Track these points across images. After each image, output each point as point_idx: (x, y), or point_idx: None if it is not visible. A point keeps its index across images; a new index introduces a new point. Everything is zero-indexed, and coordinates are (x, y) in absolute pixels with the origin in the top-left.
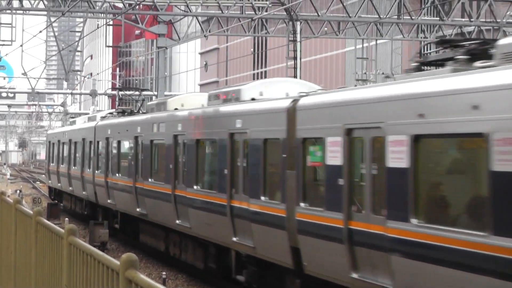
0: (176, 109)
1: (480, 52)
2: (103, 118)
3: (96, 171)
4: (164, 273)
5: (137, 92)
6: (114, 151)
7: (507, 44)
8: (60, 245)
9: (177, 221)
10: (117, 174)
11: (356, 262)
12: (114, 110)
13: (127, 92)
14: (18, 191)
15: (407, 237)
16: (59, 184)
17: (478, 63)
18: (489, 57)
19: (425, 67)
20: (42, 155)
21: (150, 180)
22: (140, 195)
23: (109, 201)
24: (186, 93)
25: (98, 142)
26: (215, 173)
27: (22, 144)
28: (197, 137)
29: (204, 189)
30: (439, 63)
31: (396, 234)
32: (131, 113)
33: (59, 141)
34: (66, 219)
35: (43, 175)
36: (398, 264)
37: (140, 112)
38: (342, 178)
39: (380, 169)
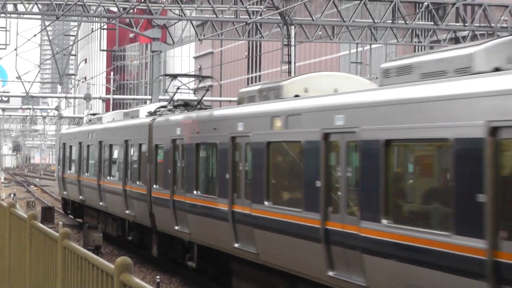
0: (297, 95)
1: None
2: (154, 113)
3: (155, 186)
4: (158, 277)
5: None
6: (190, 158)
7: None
8: (54, 249)
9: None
10: (195, 192)
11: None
12: (166, 103)
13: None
14: (12, 195)
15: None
16: (80, 197)
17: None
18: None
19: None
20: (36, 158)
21: (266, 203)
22: (242, 224)
23: (177, 227)
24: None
25: (156, 146)
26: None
27: (16, 148)
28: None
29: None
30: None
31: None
32: (195, 106)
33: (80, 143)
34: (60, 223)
35: (37, 179)
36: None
37: (202, 105)
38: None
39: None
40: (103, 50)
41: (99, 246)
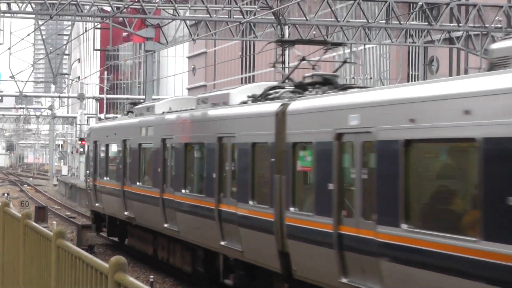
0: None
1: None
2: (265, 97)
3: (292, 209)
4: (151, 276)
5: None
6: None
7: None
8: (48, 248)
9: None
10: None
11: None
12: (275, 83)
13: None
14: (5, 194)
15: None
16: (126, 213)
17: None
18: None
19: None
20: (29, 158)
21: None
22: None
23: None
24: None
25: (294, 146)
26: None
27: (10, 148)
28: None
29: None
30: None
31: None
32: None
33: (125, 141)
34: (54, 222)
35: (30, 179)
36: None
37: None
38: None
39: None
40: (96, 50)
41: (93, 245)
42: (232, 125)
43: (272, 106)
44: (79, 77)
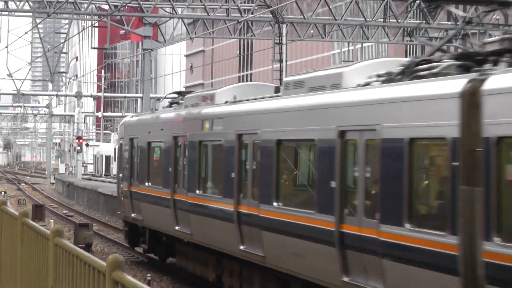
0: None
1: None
2: (412, 72)
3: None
4: (149, 275)
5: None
6: None
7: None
8: (46, 246)
9: None
10: None
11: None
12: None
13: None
14: (2, 193)
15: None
16: (177, 228)
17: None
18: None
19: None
20: (27, 156)
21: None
22: None
23: None
24: None
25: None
26: None
27: (7, 146)
28: None
29: None
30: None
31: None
32: None
33: (176, 138)
34: (51, 220)
35: (28, 177)
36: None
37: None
38: None
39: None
40: (94, 48)
41: (90, 244)
42: (366, 113)
43: (451, 84)
44: (76, 76)
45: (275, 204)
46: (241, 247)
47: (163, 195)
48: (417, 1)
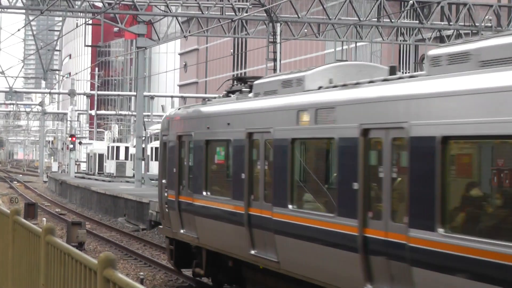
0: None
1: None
2: None
3: None
4: (142, 273)
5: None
6: None
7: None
8: (37, 245)
9: None
10: None
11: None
12: None
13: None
14: None
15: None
16: (253, 252)
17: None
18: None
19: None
20: (19, 154)
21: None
22: None
23: None
24: None
25: None
26: None
27: None
28: None
29: None
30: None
31: None
32: None
33: (251, 135)
34: (44, 219)
35: (20, 175)
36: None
37: None
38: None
39: None
40: (87, 46)
41: (83, 242)
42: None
43: None
44: (70, 73)
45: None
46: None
47: (232, 209)
48: (411, 2)
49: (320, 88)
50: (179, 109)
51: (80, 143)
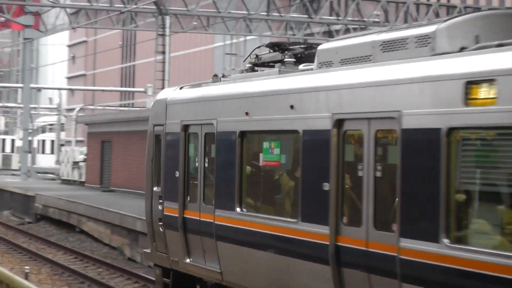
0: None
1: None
2: None
3: None
4: (27, 267)
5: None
6: None
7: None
8: None
9: None
10: None
11: None
12: None
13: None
14: None
15: None
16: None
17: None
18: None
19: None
20: None
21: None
22: None
23: None
24: None
25: None
26: None
27: None
28: None
29: None
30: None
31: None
32: None
33: (337, 123)
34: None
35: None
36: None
37: None
38: None
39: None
40: None
41: None
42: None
43: None
44: None
45: None
46: None
47: (303, 237)
48: None
49: (462, 50)
50: (181, 88)
51: None
